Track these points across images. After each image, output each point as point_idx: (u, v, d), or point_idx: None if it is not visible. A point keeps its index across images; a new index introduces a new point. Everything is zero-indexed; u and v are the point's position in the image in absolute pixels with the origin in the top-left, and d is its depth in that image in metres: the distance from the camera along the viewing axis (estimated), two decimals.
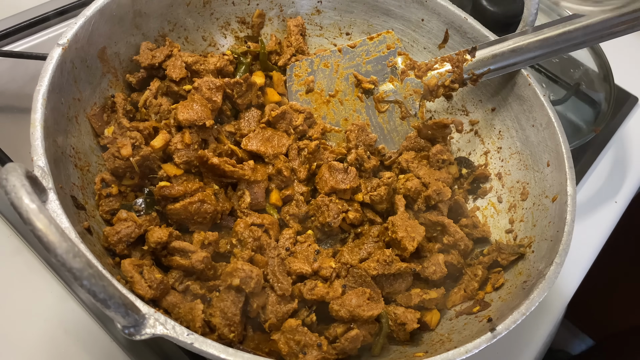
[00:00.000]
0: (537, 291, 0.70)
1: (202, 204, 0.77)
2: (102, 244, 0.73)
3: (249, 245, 0.76)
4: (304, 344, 0.68)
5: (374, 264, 0.79)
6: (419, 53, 1.09)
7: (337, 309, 0.73)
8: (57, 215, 0.60)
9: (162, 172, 0.81)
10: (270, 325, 0.72)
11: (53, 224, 0.45)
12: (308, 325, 0.74)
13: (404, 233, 0.81)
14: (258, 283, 0.70)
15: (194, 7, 0.99)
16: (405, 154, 0.97)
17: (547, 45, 0.91)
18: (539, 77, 1.31)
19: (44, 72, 0.71)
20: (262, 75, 1.00)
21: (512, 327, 0.66)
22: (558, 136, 0.88)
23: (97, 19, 0.82)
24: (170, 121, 0.83)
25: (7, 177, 0.47)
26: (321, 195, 0.84)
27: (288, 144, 0.88)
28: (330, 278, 0.77)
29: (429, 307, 0.81)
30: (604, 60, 1.31)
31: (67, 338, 0.78)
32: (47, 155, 0.65)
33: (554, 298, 1.01)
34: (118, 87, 0.91)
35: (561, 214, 0.80)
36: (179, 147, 0.80)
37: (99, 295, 0.47)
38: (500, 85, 1.01)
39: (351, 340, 0.71)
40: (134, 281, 0.68)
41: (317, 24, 1.12)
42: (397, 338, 0.78)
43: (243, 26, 1.07)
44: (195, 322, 0.67)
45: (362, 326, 0.73)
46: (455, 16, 1.02)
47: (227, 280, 0.70)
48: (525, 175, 0.94)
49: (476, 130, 1.05)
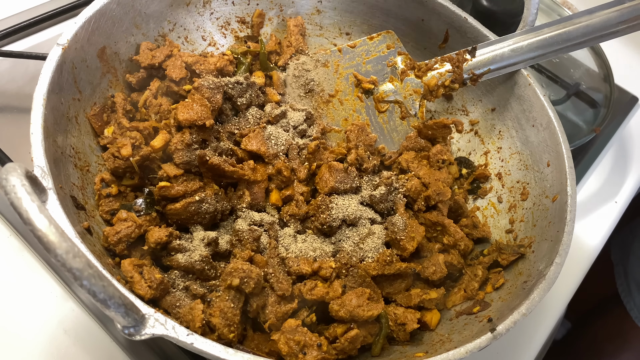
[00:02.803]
0: (538, 291, 0.70)
1: (202, 203, 0.77)
2: (102, 244, 0.73)
3: (248, 245, 0.76)
4: (304, 344, 0.68)
5: (374, 264, 0.79)
6: (419, 53, 1.09)
7: (337, 309, 0.73)
8: (56, 216, 0.60)
9: (162, 172, 0.81)
10: (270, 325, 0.72)
11: (53, 224, 0.45)
12: (308, 326, 0.74)
13: (403, 233, 0.82)
14: (258, 283, 0.70)
15: (194, 7, 0.99)
16: (405, 154, 0.97)
17: (547, 45, 0.91)
18: (539, 77, 1.31)
19: (44, 72, 0.71)
20: (262, 75, 1.00)
21: (513, 328, 0.66)
22: (558, 136, 0.88)
23: (97, 19, 0.82)
24: (170, 121, 0.83)
25: (7, 177, 0.47)
26: (321, 196, 0.84)
27: (288, 144, 0.88)
28: (330, 278, 0.77)
29: (429, 307, 0.81)
30: (604, 60, 1.31)
31: (67, 338, 0.78)
32: (46, 156, 0.65)
33: (554, 298, 1.01)
34: (118, 87, 0.91)
35: (561, 214, 0.80)
36: (179, 147, 0.80)
37: (99, 296, 0.47)
38: (500, 85, 1.01)
39: (351, 340, 0.71)
40: (134, 281, 0.68)
41: (317, 24, 1.11)
42: (397, 338, 0.78)
43: (243, 26, 1.07)
44: (195, 322, 0.67)
45: (362, 326, 0.73)
46: (455, 16, 1.02)
47: (227, 280, 0.70)
48: (525, 175, 0.94)
49: (476, 130, 1.05)
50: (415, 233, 0.83)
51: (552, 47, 0.91)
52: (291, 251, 0.80)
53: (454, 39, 1.04)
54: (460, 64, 0.97)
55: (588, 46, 1.03)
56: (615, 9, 0.86)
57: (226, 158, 0.82)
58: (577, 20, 0.89)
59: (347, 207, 0.83)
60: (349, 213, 0.83)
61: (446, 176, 0.93)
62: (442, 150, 0.96)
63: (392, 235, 0.82)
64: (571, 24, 0.89)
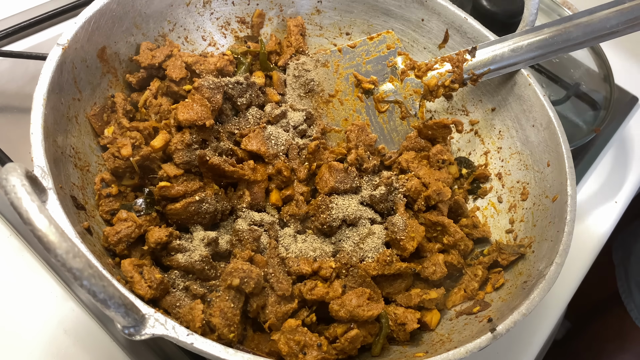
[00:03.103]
0: (538, 291, 0.70)
1: (202, 203, 0.77)
2: (102, 244, 0.73)
3: (248, 246, 0.76)
4: (303, 344, 0.68)
5: (374, 264, 0.79)
6: (419, 53, 1.09)
7: (337, 309, 0.73)
8: (56, 216, 0.60)
9: (162, 172, 0.81)
10: (270, 325, 0.72)
11: (53, 224, 0.45)
12: (308, 326, 0.74)
13: (403, 233, 0.82)
14: (258, 283, 0.70)
15: (194, 7, 0.99)
16: (406, 154, 0.97)
17: (547, 45, 0.91)
18: (539, 77, 1.31)
19: (44, 72, 0.71)
20: (262, 75, 1.00)
21: (513, 328, 0.66)
22: (558, 136, 0.88)
23: (97, 19, 0.82)
24: (170, 121, 0.83)
25: (7, 177, 0.47)
26: (321, 196, 0.84)
27: (288, 144, 0.88)
28: (330, 278, 0.77)
29: (429, 307, 0.81)
30: (604, 60, 1.31)
31: (67, 338, 0.78)
32: (46, 155, 0.65)
33: (554, 298, 1.01)
34: (118, 87, 0.91)
35: (561, 214, 0.80)
36: (179, 147, 0.80)
37: (99, 296, 0.47)
38: (500, 85, 1.01)
39: (351, 340, 0.71)
40: (134, 281, 0.68)
41: (317, 24, 1.11)
42: (397, 338, 0.78)
43: (243, 26, 1.07)
44: (195, 322, 0.66)
45: (362, 326, 0.73)
46: (455, 16, 1.02)
47: (227, 280, 0.70)
48: (525, 175, 0.94)
49: (476, 130, 1.05)
50: (415, 233, 0.83)
51: (552, 47, 0.91)
52: (291, 251, 0.80)
53: (454, 39, 1.04)
54: (460, 64, 0.97)
55: (588, 46, 1.04)
56: (615, 9, 0.86)
57: (226, 158, 0.82)
58: (577, 21, 0.89)
59: (347, 207, 0.83)
60: (349, 213, 0.83)
61: (446, 176, 0.94)
62: (442, 150, 0.96)
63: (392, 235, 0.82)
64: (571, 24, 0.89)
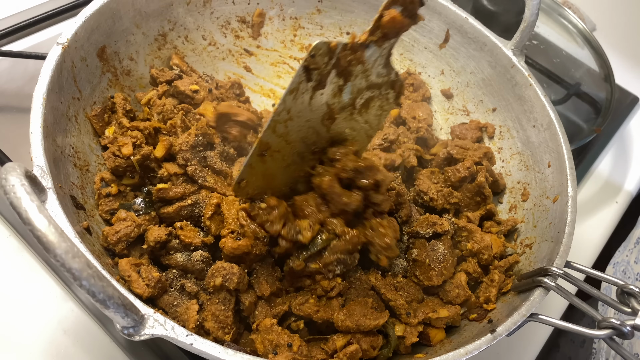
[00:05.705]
0: (538, 292, 0.70)
1: (195, 207, 0.77)
2: (101, 244, 0.73)
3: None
4: (275, 344, 0.67)
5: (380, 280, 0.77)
6: (420, 53, 1.09)
7: (343, 318, 0.70)
8: (56, 215, 0.60)
9: (163, 171, 0.81)
10: (258, 326, 0.71)
11: (52, 224, 0.45)
12: (296, 331, 0.72)
13: (438, 265, 0.79)
14: (241, 278, 0.70)
15: (194, 6, 0.99)
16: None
17: None
18: (539, 77, 1.31)
19: (44, 71, 0.71)
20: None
21: (513, 329, 0.66)
22: (559, 137, 0.88)
23: (97, 18, 0.82)
24: (175, 121, 0.84)
25: (6, 176, 0.47)
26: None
27: None
28: (330, 293, 0.74)
29: (436, 325, 0.76)
30: (605, 60, 1.31)
31: (67, 338, 0.78)
32: (46, 155, 0.64)
33: (554, 298, 1.00)
34: (117, 86, 0.90)
35: (562, 215, 0.80)
36: (183, 148, 0.81)
37: (98, 296, 0.46)
38: (501, 86, 1.00)
39: (350, 355, 0.68)
40: (132, 280, 0.68)
41: (318, 24, 1.11)
42: (398, 352, 0.75)
43: (243, 25, 1.07)
44: (189, 322, 0.67)
45: (364, 337, 0.71)
46: (456, 16, 1.02)
47: (210, 282, 0.69)
48: (526, 176, 0.94)
49: None
50: (447, 271, 0.79)
51: None
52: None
53: (454, 39, 1.04)
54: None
55: None
56: None
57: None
58: None
59: None
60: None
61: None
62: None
63: (425, 260, 0.79)
64: None
